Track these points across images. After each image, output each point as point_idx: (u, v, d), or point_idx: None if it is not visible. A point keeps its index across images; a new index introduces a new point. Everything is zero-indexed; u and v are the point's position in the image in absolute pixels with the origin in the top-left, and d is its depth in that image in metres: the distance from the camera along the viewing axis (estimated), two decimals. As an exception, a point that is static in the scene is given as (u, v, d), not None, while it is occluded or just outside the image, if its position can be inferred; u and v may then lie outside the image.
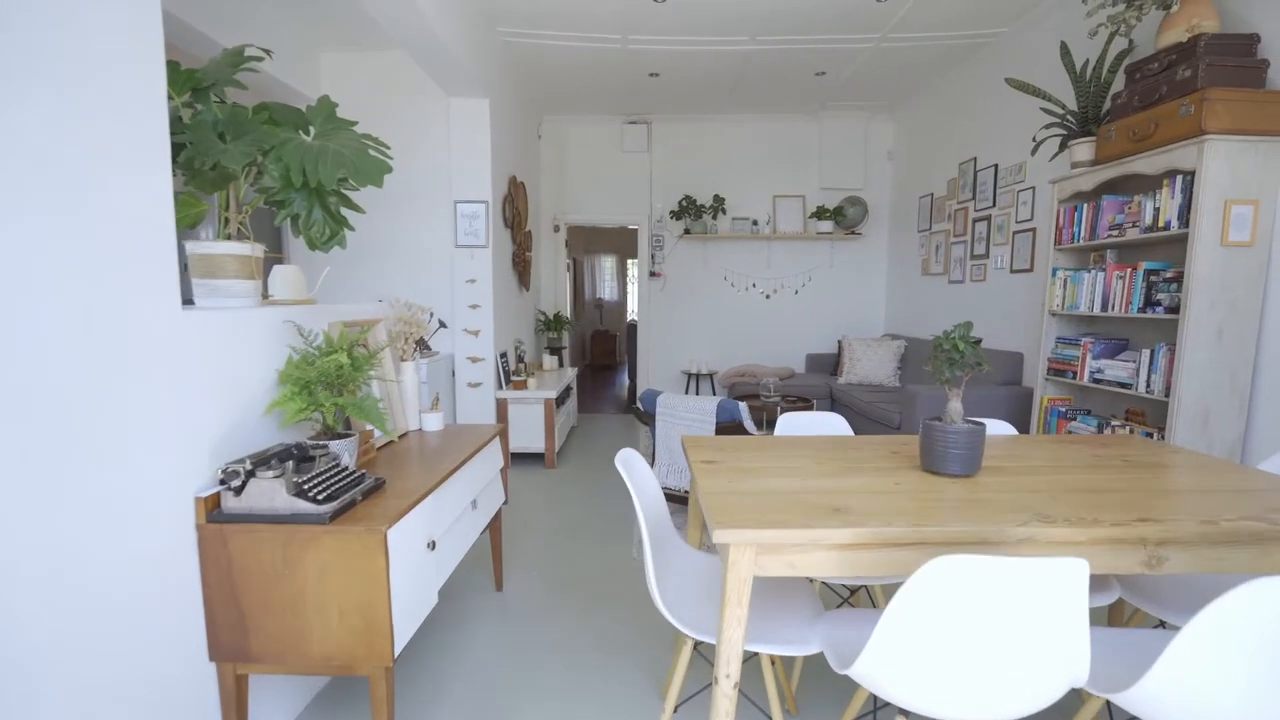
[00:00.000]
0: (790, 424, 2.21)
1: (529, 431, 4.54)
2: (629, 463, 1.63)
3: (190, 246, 1.63)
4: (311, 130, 1.74)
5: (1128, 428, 2.92)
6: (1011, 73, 4.27)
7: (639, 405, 3.25)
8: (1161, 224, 2.75)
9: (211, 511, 1.46)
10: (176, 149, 1.54)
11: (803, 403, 4.82)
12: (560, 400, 4.78)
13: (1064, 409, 3.37)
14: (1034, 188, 4.07)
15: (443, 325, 2.61)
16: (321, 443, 1.69)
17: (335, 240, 1.70)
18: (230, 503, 1.45)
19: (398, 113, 4.26)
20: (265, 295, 1.92)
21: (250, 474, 1.45)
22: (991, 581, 1.05)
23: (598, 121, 6.38)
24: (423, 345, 2.43)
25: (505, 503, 2.58)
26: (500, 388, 4.50)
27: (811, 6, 3.85)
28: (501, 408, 4.49)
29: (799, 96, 5.68)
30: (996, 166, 4.48)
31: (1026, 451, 1.89)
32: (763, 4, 3.82)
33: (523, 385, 4.53)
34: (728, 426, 2.93)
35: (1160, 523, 1.28)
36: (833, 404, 5.58)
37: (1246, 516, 1.30)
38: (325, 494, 1.49)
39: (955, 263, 5.08)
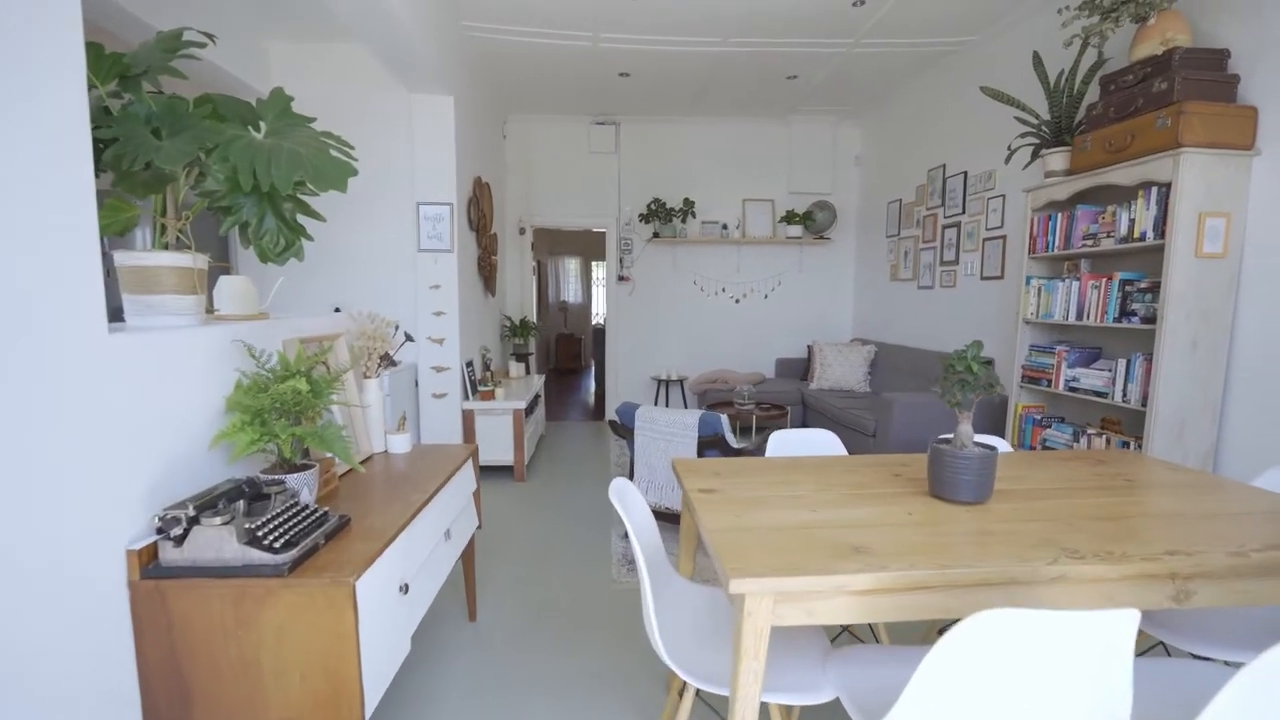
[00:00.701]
0: (782, 442, 2.11)
1: (497, 443, 4.35)
2: (623, 495, 1.50)
3: (120, 257, 1.42)
4: (262, 127, 1.55)
5: (1104, 436, 2.94)
6: (980, 81, 4.30)
7: (616, 418, 3.12)
8: (1137, 235, 2.77)
9: (147, 566, 1.26)
10: (102, 146, 1.33)
11: (776, 410, 4.77)
12: (529, 410, 4.60)
13: (1039, 416, 3.39)
14: (1004, 195, 4.11)
15: (409, 339, 2.42)
16: (277, 477, 1.51)
17: (291, 252, 1.51)
18: (170, 554, 1.26)
19: (355, 109, 4.02)
20: (210, 310, 1.72)
21: (193, 520, 1.26)
22: (1040, 634, 0.96)
23: (564, 121, 6.21)
24: (387, 360, 2.24)
25: (479, 527, 2.41)
26: (467, 398, 4.30)
27: (786, 9, 3.80)
28: (468, 420, 4.29)
29: (769, 100, 5.64)
30: (966, 174, 4.52)
31: (1027, 472, 1.84)
32: (739, 5, 3.74)
33: (490, 396, 4.34)
34: (710, 440, 2.83)
35: (1190, 555, 1.22)
36: (804, 410, 5.56)
37: (1273, 545, 1.25)
38: (283, 540, 1.31)
39: (925, 268, 5.12)
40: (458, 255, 4.13)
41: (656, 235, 6.28)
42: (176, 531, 1.25)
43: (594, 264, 11.78)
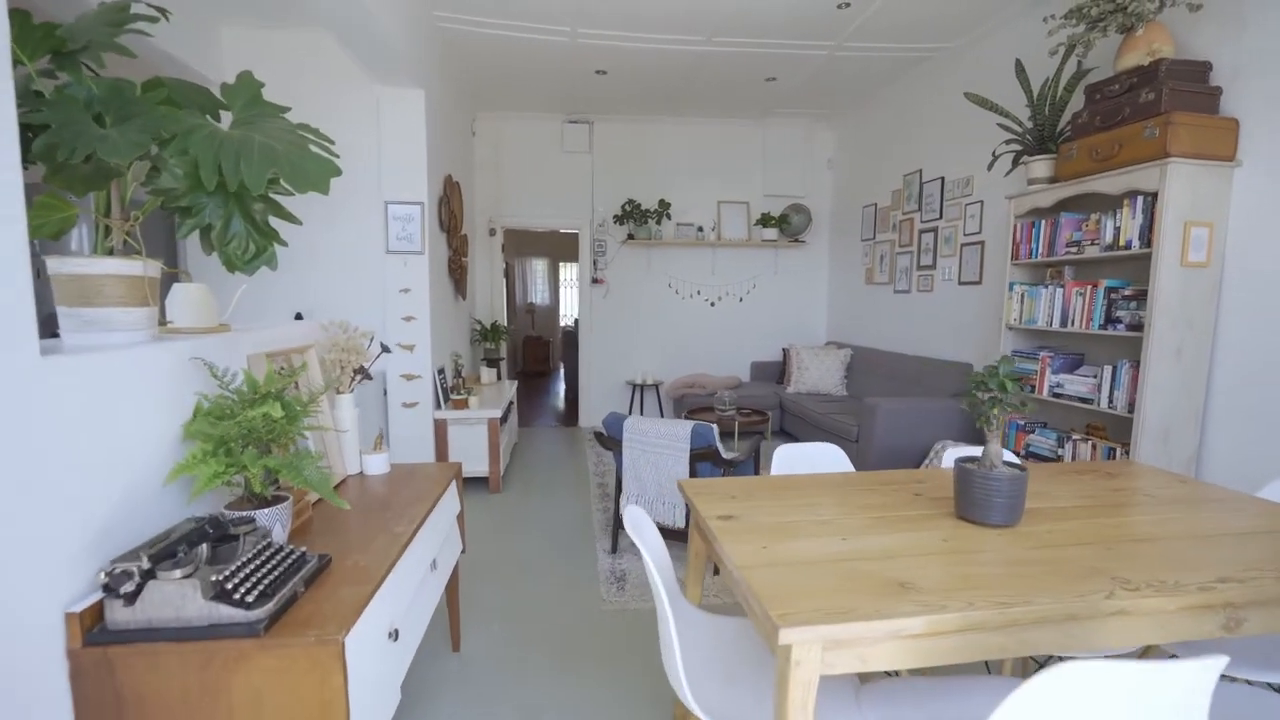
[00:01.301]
0: (787, 459, 2.02)
1: (471, 454, 4.16)
2: (639, 527, 1.37)
3: (54, 264, 1.22)
4: (226, 117, 1.37)
5: (1090, 442, 2.96)
6: (959, 87, 4.33)
7: (602, 430, 2.99)
8: (1122, 243, 2.79)
9: (91, 630, 1.07)
10: (31, 133, 1.14)
11: (757, 415, 4.70)
12: (504, 418, 4.42)
13: (1023, 422, 3.40)
14: (982, 202, 4.14)
15: (385, 350, 2.24)
16: (245, 514, 1.33)
17: (263, 259, 1.33)
18: (119, 615, 1.07)
19: (317, 101, 3.77)
20: (164, 323, 1.52)
21: (148, 573, 1.08)
22: (1122, 685, 0.88)
23: (537, 119, 6.03)
24: (363, 374, 2.06)
25: (463, 551, 2.25)
26: (439, 407, 4.10)
27: (773, 9, 3.73)
28: (440, 430, 4.08)
29: (746, 101, 5.59)
30: (943, 179, 4.54)
31: (1044, 488, 1.79)
32: (727, 3, 3.65)
33: (464, 404, 4.15)
34: (702, 453, 2.72)
35: (1242, 583, 1.17)
36: (782, 414, 5.53)
37: (1321, 571, 1.21)
38: (257, 591, 1.14)
39: (901, 273, 5.14)
40: (429, 257, 3.93)
41: (631, 237, 6.16)
42: (127, 588, 1.06)
43: (562, 265, 11.59)
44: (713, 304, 6.54)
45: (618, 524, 3.07)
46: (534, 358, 10.73)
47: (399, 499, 1.84)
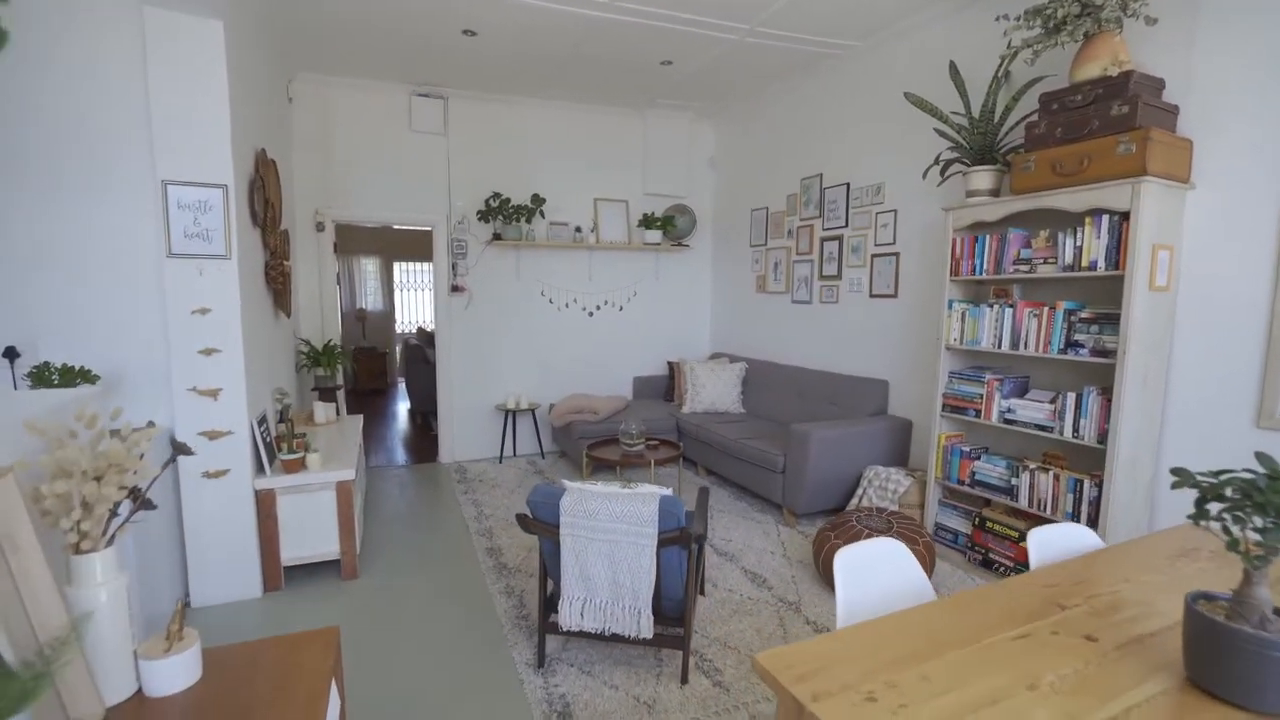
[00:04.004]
0: (851, 566, 1.43)
1: (313, 531, 3.05)
2: None
3: None
4: None
5: (1051, 472, 2.80)
6: (866, 88, 4.13)
7: (528, 511, 2.19)
8: (1085, 263, 2.64)
9: None
10: None
11: (668, 447, 4.14)
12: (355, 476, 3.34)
13: (967, 449, 3.22)
14: (896, 211, 3.96)
15: (184, 452, 1.24)
16: None
17: None
18: None
19: (26, 11, 2.41)
20: None
21: None
22: None
23: (376, 88, 4.85)
24: (140, 501, 1.08)
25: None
26: (263, 472, 2.93)
27: (692, -25, 3.15)
28: (266, 505, 2.92)
29: (630, 87, 4.98)
30: (848, 185, 4.33)
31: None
32: (642, -42, 2.99)
33: (298, 466, 3.02)
34: (672, 536, 2.06)
35: None
36: (680, 437, 5.03)
37: None
38: None
39: (799, 282, 4.90)
40: (238, 262, 2.75)
41: (498, 237, 5.25)
42: None
43: (396, 265, 10.09)
44: (591, 314, 5.86)
45: (545, 628, 2.29)
46: (368, 373, 9.17)
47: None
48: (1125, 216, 2.48)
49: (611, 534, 2.05)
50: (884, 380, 4.07)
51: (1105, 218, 2.55)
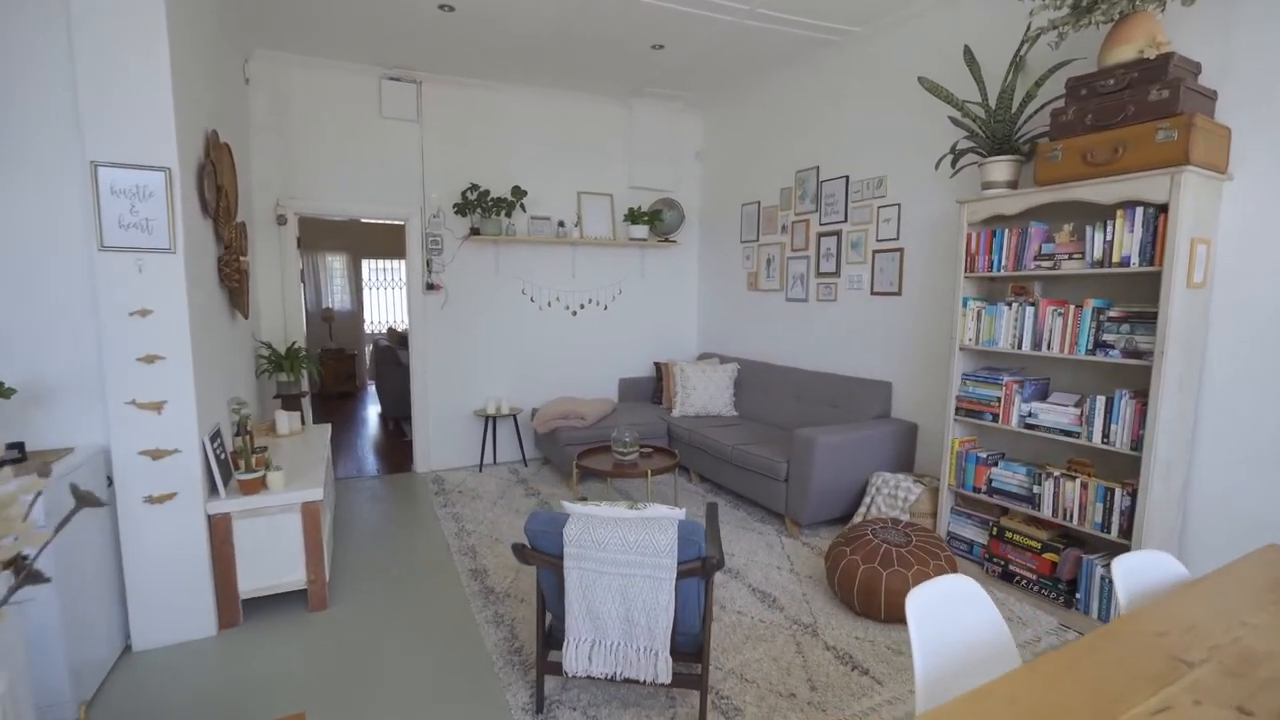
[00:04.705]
0: (927, 612, 1.21)
1: (276, 558, 2.73)
2: None
3: None
4: None
5: (1078, 480, 2.64)
6: (862, 77, 3.95)
7: (525, 542, 1.92)
8: (1117, 259, 2.48)
9: None
10: None
11: (663, 455, 3.90)
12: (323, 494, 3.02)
13: (983, 455, 3.05)
14: (899, 205, 3.79)
15: (92, 504, 0.94)
16: None
17: None
18: None
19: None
20: None
21: None
22: None
23: (342, 70, 4.49)
24: (24, 573, 0.79)
25: None
26: (216, 494, 2.60)
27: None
28: (220, 531, 2.59)
29: (618, 74, 4.71)
30: (848, 178, 4.15)
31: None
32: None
33: (257, 486, 2.69)
34: (692, 567, 1.82)
35: None
36: (671, 441, 4.80)
37: None
38: None
39: (795, 279, 4.70)
40: (185, 256, 2.42)
41: (476, 232, 4.93)
42: None
43: (364, 261, 9.65)
44: (574, 313, 5.58)
45: (544, 668, 2.03)
46: (335, 375, 8.72)
47: None
48: (1162, 209, 2.33)
49: (624, 566, 1.80)
50: (886, 382, 3.90)
51: (1139, 210, 2.39)
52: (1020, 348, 2.83)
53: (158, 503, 2.44)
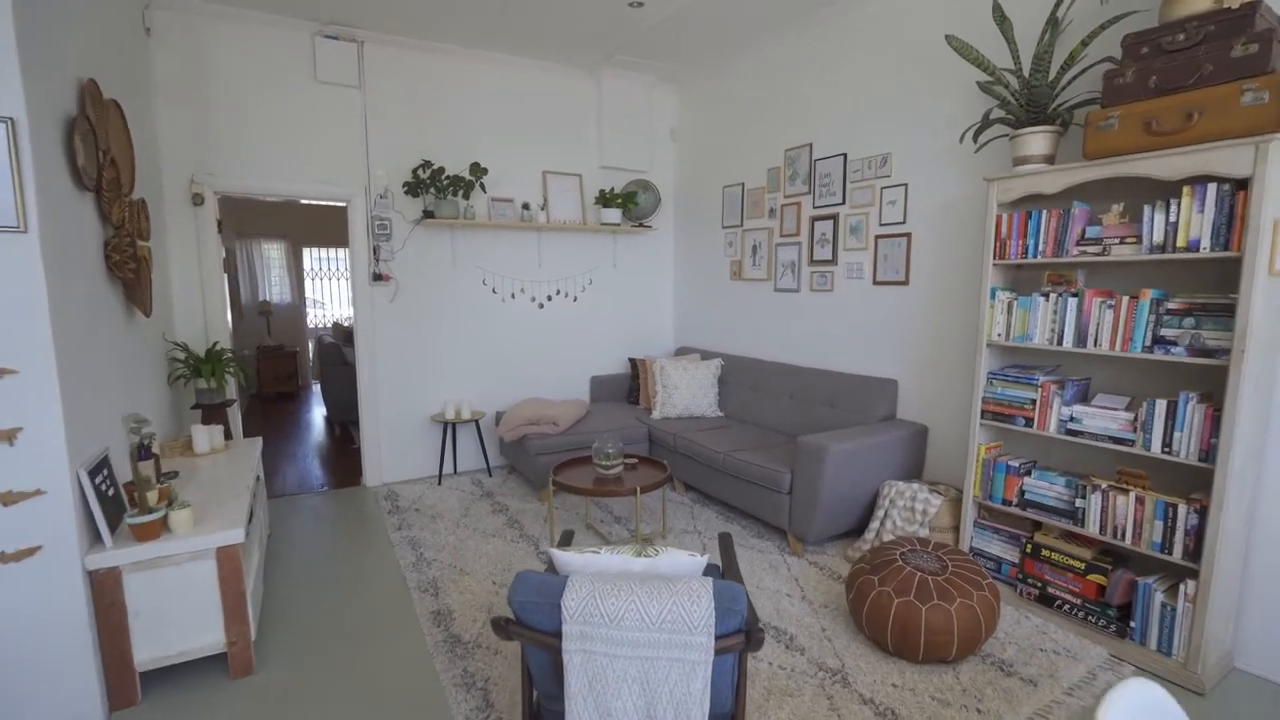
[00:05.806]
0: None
1: (185, 617, 2.18)
2: None
3: None
4: None
5: (1132, 494, 2.34)
6: (862, 44, 3.57)
7: (513, 612, 1.46)
8: (1183, 243, 2.16)
9: None
10: None
11: (650, 467, 3.48)
12: (250, 532, 2.47)
13: (1015, 463, 2.73)
14: (906, 185, 3.43)
15: None
16: None
17: None
18: None
19: None
20: None
21: None
22: None
23: (267, 22, 3.85)
24: None
25: None
26: (100, 543, 2.04)
27: None
28: (106, 590, 2.03)
29: (587, 37, 4.21)
30: (845, 156, 3.77)
31: None
32: None
33: (157, 529, 2.13)
34: (733, 642, 1.40)
35: None
36: (653, 448, 4.37)
37: None
38: None
39: (784, 267, 4.32)
40: (42, 238, 1.84)
41: (429, 215, 4.37)
42: None
43: (305, 250, 8.86)
44: (541, 305, 5.08)
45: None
46: (274, 375, 7.96)
47: None
48: (1240, 185, 2.01)
49: (645, 648, 1.36)
50: (892, 379, 3.56)
51: (1211, 187, 2.08)
52: (1060, 344, 2.50)
53: (13, 561, 1.87)
